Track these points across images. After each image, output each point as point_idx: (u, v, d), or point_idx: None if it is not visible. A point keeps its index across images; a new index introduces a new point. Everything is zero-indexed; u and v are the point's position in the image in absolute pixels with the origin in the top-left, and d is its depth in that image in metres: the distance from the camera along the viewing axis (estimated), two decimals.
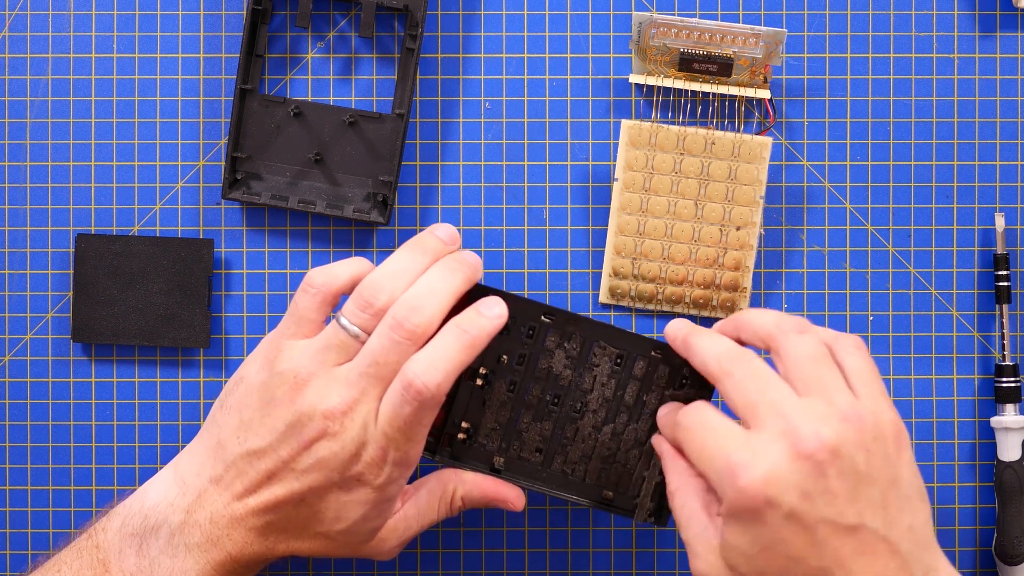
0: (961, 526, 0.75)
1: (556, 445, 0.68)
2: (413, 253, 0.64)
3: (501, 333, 0.66)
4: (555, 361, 0.67)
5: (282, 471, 0.63)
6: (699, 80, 0.73)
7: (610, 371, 0.67)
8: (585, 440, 0.68)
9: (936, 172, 0.75)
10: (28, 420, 0.74)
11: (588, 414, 0.68)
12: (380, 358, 0.62)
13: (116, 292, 0.73)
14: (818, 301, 0.75)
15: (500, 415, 0.68)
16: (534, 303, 0.66)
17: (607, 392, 0.68)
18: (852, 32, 0.75)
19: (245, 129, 0.74)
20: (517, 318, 0.67)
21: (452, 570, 0.75)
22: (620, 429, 0.68)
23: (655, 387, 0.67)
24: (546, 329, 0.67)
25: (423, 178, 0.75)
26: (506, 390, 0.68)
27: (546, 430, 0.68)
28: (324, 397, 0.62)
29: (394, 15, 0.74)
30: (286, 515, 0.63)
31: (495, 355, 0.67)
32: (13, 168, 0.74)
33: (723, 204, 0.73)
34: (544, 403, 0.68)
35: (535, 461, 0.68)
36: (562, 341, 0.67)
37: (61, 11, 0.74)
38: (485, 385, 0.68)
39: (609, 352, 0.67)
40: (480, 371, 0.67)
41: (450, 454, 0.68)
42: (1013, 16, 0.75)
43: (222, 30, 0.74)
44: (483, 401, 0.68)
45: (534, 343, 0.67)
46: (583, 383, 0.68)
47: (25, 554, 0.74)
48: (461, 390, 0.68)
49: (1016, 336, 0.75)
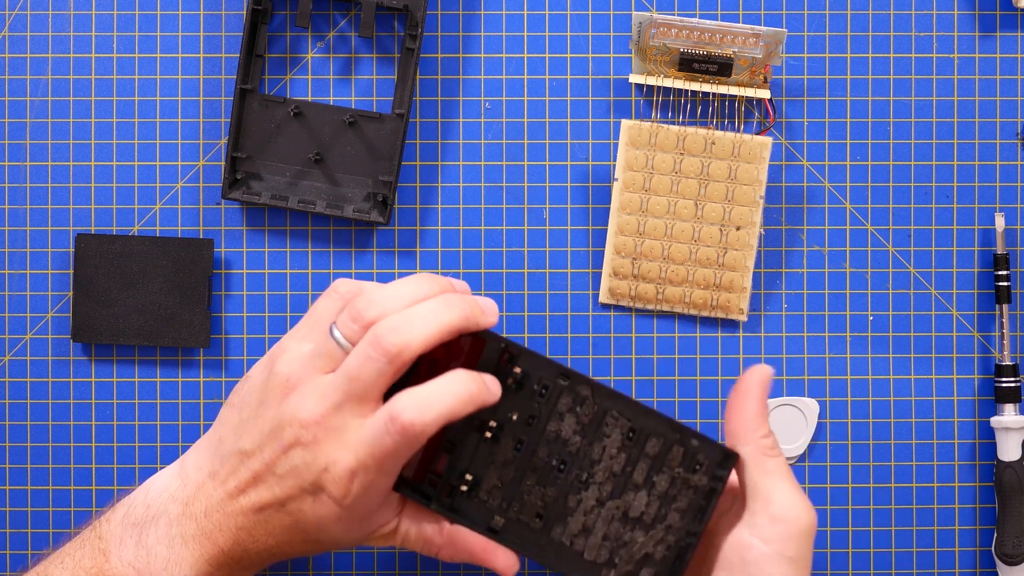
0: (961, 526, 0.75)
1: (557, 513, 0.65)
2: (422, 282, 0.63)
3: (515, 388, 0.64)
4: (565, 425, 0.64)
5: (265, 474, 0.62)
6: (699, 80, 0.73)
7: (620, 443, 0.64)
8: (587, 513, 0.65)
9: (936, 172, 0.75)
10: (28, 420, 0.74)
11: (593, 486, 0.65)
12: (354, 373, 0.61)
13: (116, 292, 0.73)
14: (818, 301, 0.75)
15: (504, 473, 0.65)
16: (552, 363, 0.64)
17: (615, 466, 0.64)
18: (852, 32, 0.75)
19: (245, 129, 0.74)
20: (532, 374, 0.64)
21: (452, 570, 0.75)
22: (625, 507, 0.65)
23: (667, 468, 0.64)
24: (560, 390, 0.64)
25: (423, 178, 0.75)
26: (512, 448, 0.65)
27: (549, 496, 0.65)
28: (303, 405, 0.61)
29: (394, 15, 0.74)
30: (271, 517, 0.63)
31: (506, 410, 0.65)
32: (13, 168, 0.74)
33: (723, 204, 0.73)
34: (550, 467, 0.65)
35: (535, 527, 0.65)
36: (575, 405, 0.64)
37: (61, 11, 0.74)
38: (493, 439, 0.65)
39: (622, 424, 0.64)
40: (490, 424, 0.65)
41: (449, 505, 0.65)
42: (1013, 16, 0.75)
43: (222, 30, 0.74)
44: (489, 455, 0.65)
45: (545, 403, 0.64)
46: (592, 452, 0.65)
47: (25, 554, 0.74)
48: (468, 440, 0.65)
49: (1016, 336, 0.75)
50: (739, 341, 0.75)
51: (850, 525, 0.75)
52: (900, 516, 0.75)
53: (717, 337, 0.75)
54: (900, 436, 0.75)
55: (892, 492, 0.75)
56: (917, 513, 0.75)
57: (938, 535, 0.75)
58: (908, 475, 0.75)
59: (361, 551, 0.74)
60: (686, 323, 0.75)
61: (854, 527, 0.75)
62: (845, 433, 0.75)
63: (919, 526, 0.75)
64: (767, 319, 0.75)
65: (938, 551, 0.75)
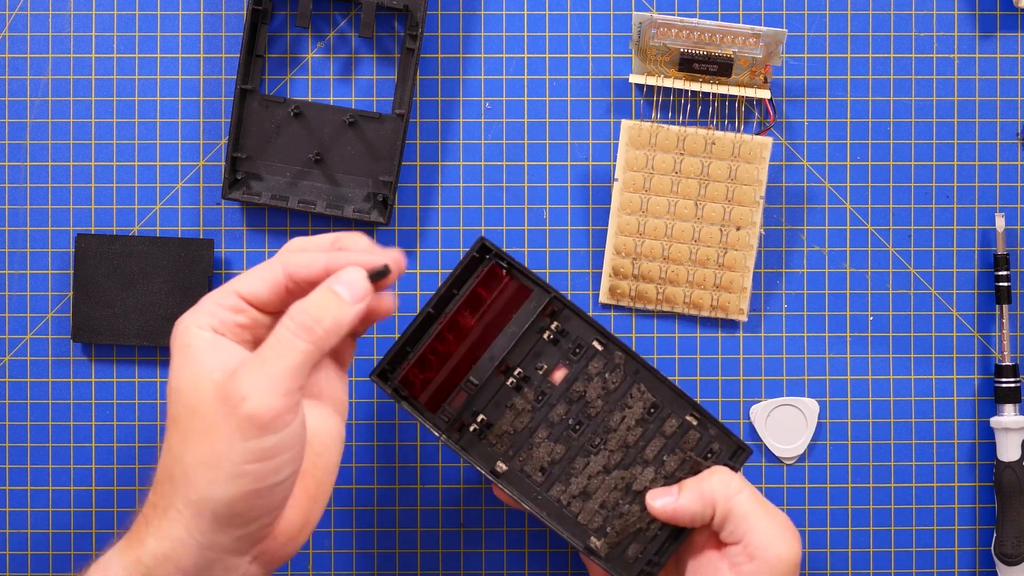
0: (961, 526, 0.75)
1: (561, 471, 0.66)
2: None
3: (551, 341, 0.65)
4: (591, 388, 0.66)
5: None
6: (699, 80, 0.73)
7: (640, 417, 0.66)
8: (591, 478, 0.66)
9: (936, 172, 0.75)
10: (28, 420, 0.74)
11: (604, 452, 0.66)
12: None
13: (116, 292, 0.73)
14: (818, 301, 0.75)
15: (518, 421, 0.66)
16: (595, 324, 0.65)
17: (630, 438, 0.66)
18: (852, 32, 0.75)
19: (245, 129, 0.74)
20: (570, 332, 0.66)
21: (452, 570, 0.75)
22: (630, 480, 0.66)
23: (679, 449, 0.66)
24: (594, 353, 0.66)
25: (423, 178, 0.75)
26: (534, 398, 0.66)
27: (557, 452, 0.66)
28: None
29: (394, 15, 0.74)
30: None
31: (536, 361, 0.66)
32: (13, 168, 0.74)
33: (723, 204, 0.73)
34: (566, 426, 0.66)
35: (535, 480, 0.66)
36: (605, 370, 0.66)
37: (61, 11, 0.74)
38: (514, 387, 0.66)
39: (646, 399, 0.66)
40: (516, 372, 0.66)
41: (457, 440, 0.66)
42: (1013, 16, 0.75)
43: (222, 30, 0.74)
44: (508, 401, 0.66)
45: (577, 362, 0.66)
46: (610, 420, 0.66)
47: (25, 554, 0.74)
48: (490, 383, 0.66)
49: (1016, 336, 0.75)
50: (739, 341, 0.75)
51: (850, 525, 0.75)
52: (900, 516, 0.75)
53: (717, 337, 0.75)
54: (900, 436, 0.75)
55: (892, 492, 0.75)
56: (917, 513, 0.75)
57: (937, 535, 0.75)
58: (908, 475, 0.75)
59: (361, 551, 0.74)
60: (686, 323, 0.75)
61: (854, 527, 0.75)
62: (845, 433, 0.75)
63: (919, 526, 0.75)
64: (767, 319, 0.75)
65: (937, 551, 0.75)
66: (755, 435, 0.75)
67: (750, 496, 0.63)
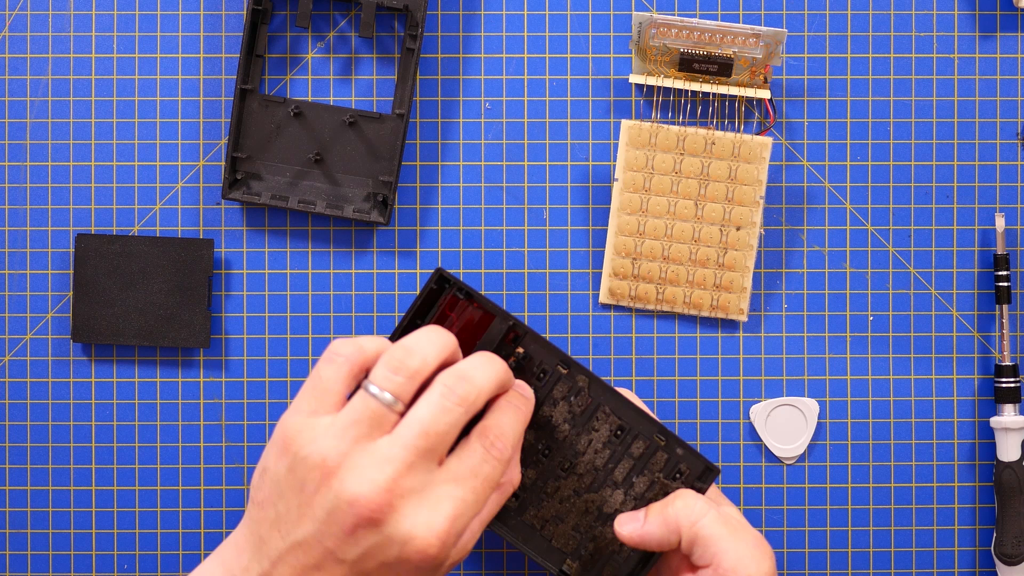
0: (961, 526, 0.75)
1: (534, 496, 0.66)
2: (440, 330, 0.61)
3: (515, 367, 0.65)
4: (557, 412, 0.65)
5: (328, 562, 0.57)
6: (699, 80, 0.73)
7: (607, 439, 0.65)
8: (563, 501, 0.66)
9: (936, 172, 0.75)
10: (28, 420, 0.74)
11: (573, 476, 0.66)
12: (429, 427, 0.57)
13: (116, 292, 0.73)
14: (818, 301, 0.75)
15: None
16: (555, 350, 0.65)
17: (598, 460, 0.65)
18: (852, 32, 0.75)
19: (245, 129, 0.74)
20: (534, 357, 0.65)
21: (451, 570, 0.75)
22: (600, 503, 0.66)
23: (648, 471, 0.65)
24: (558, 377, 0.65)
25: (423, 178, 0.75)
26: None
27: (528, 477, 0.66)
28: (359, 481, 0.56)
29: (394, 15, 0.74)
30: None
31: None
32: (13, 168, 0.74)
33: (723, 204, 0.73)
34: (536, 450, 0.66)
35: (510, 505, 0.66)
36: (570, 394, 0.65)
37: (61, 11, 0.74)
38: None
39: (612, 421, 0.65)
40: None
41: None
42: (1013, 16, 0.75)
43: (222, 30, 0.74)
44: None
45: (542, 387, 0.65)
46: (578, 443, 0.65)
47: (25, 554, 0.74)
48: None
49: (1016, 336, 0.75)
50: (739, 341, 0.75)
51: (850, 525, 0.75)
52: (900, 516, 0.75)
53: (717, 337, 0.75)
54: (900, 436, 0.75)
55: (892, 492, 0.75)
56: (916, 513, 0.75)
57: (937, 535, 0.75)
58: (908, 475, 0.75)
59: None
60: (686, 323, 0.75)
61: (854, 527, 0.75)
62: (845, 433, 0.75)
63: (918, 526, 0.75)
64: (767, 319, 0.75)
65: (937, 551, 0.75)
66: (755, 435, 0.75)
67: (716, 519, 0.62)
